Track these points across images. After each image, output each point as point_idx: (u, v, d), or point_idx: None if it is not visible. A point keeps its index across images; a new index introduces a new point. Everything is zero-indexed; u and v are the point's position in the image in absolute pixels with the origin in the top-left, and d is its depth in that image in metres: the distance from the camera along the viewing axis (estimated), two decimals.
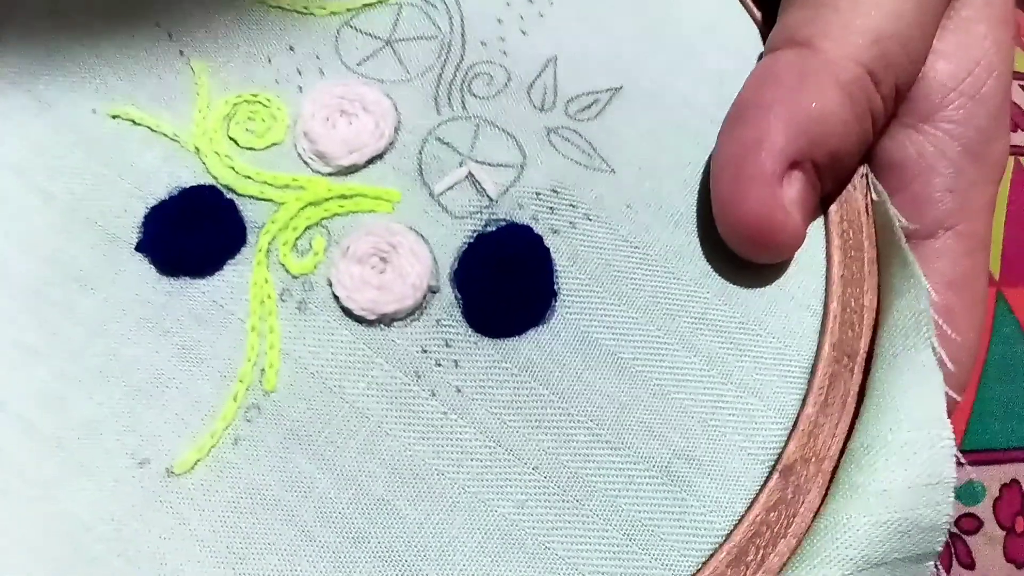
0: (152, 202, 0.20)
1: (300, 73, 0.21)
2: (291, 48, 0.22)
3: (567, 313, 0.20)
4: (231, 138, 0.21)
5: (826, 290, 0.21)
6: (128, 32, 0.21)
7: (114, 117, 0.21)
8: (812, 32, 0.20)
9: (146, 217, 0.20)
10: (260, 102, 0.21)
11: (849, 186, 0.22)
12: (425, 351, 0.19)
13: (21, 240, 0.19)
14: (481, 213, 0.20)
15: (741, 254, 0.20)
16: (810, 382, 0.20)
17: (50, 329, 0.19)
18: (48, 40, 0.21)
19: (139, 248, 0.19)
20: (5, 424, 0.18)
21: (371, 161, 0.21)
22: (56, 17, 0.22)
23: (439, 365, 0.19)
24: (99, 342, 0.19)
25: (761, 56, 0.23)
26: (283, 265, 0.20)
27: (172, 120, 0.21)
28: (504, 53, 0.22)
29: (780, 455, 0.19)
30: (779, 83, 0.20)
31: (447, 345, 0.19)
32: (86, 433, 0.18)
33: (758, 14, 0.24)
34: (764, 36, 0.24)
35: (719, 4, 0.24)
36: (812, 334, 0.21)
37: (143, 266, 0.19)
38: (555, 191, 0.21)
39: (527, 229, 0.20)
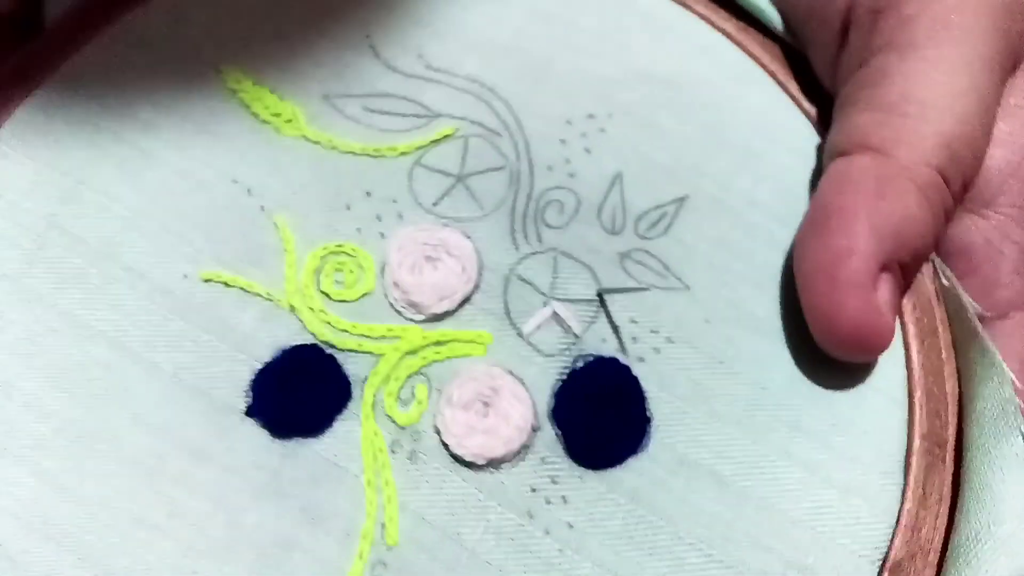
0: (256, 365, 0.21)
1: (380, 219, 0.22)
2: (368, 193, 0.22)
3: (664, 438, 0.20)
4: (323, 292, 0.21)
5: (908, 380, 0.22)
6: (206, 191, 0.22)
7: (206, 280, 0.21)
8: (884, 137, 0.21)
9: (252, 381, 0.20)
10: (346, 252, 0.22)
11: (918, 274, 0.23)
12: (534, 490, 0.20)
13: (130, 414, 0.20)
14: (569, 350, 0.21)
15: (840, 358, 0.21)
16: (906, 476, 0.21)
17: (170, 504, 0.19)
18: (131, 207, 0.22)
19: (249, 413, 0.20)
20: None
21: (461, 305, 0.21)
22: (135, 183, 0.22)
23: (549, 503, 0.20)
24: (221, 513, 0.19)
25: (820, 152, 0.23)
26: (390, 417, 0.20)
27: (263, 278, 0.21)
28: (571, 176, 0.23)
29: (887, 553, 0.20)
30: (859, 190, 0.21)
31: (554, 482, 0.20)
32: None
33: (804, 101, 0.25)
34: (812, 122, 0.24)
35: (770, 100, 0.24)
36: (901, 427, 0.21)
37: (255, 431, 0.20)
38: (634, 320, 0.21)
39: (614, 361, 0.21)
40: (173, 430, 0.20)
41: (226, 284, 0.21)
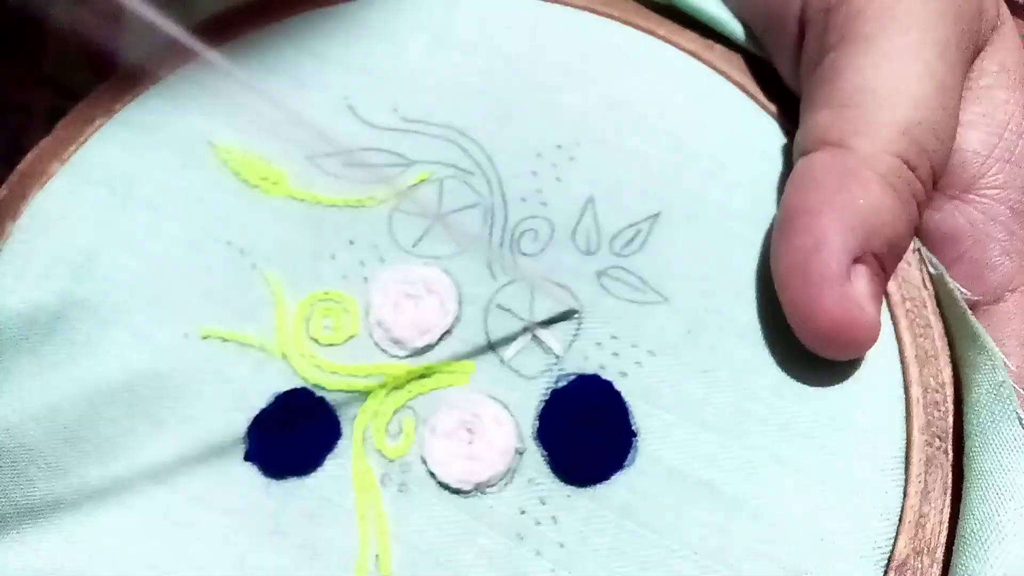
0: (252, 413, 0.22)
1: (363, 264, 0.23)
2: (351, 242, 0.23)
3: (652, 451, 0.20)
4: (312, 338, 0.22)
5: (903, 373, 0.21)
6: (204, 256, 0.24)
7: (205, 337, 0.23)
8: (842, 131, 0.21)
9: (249, 428, 0.21)
10: (332, 299, 0.23)
11: (903, 263, 0.22)
12: (523, 512, 0.20)
13: (139, 467, 0.21)
14: (551, 370, 0.21)
15: (823, 355, 0.21)
16: (907, 471, 0.20)
17: (178, 549, 0.20)
18: (137, 277, 0.24)
19: (247, 458, 0.21)
20: None
21: (442, 338, 0.22)
22: (139, 253, 0.24)
23: (539, 524, 0.20)
24: (225, 555, 0.20)
25: (790, 155, 0.23)
26: (379, 451, 0.21)
27: (257, 331, 0.23)
28: (543, 204, 0.24)
29: (891, 552, 0.19)
30: (822, 186, 0.21)
31: (543, 503, 0.20)
32: None
33: (772, 107, 0.25)
34: (782, 127, 0.24)
35: (738, 110, 0.25)
36: (899, 421, 0.21)
37: (253, 475, 0.21)
38: (614, 336, 0.22)
39: (596, 378, 0.21)
40: (180, 480, 0.21)
41: (223, 339, 0.23)
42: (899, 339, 0.22)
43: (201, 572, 0.20)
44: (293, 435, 0.21)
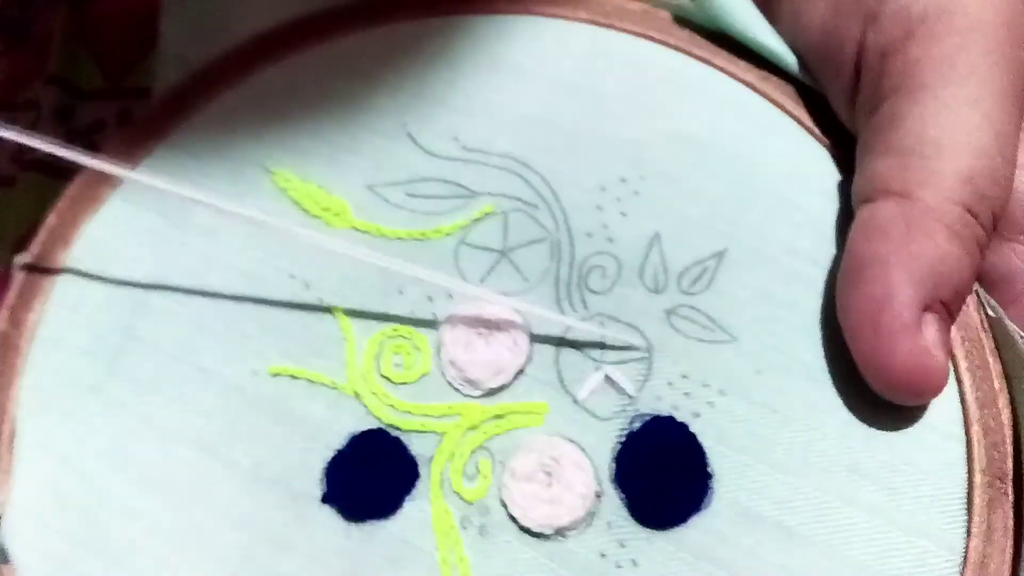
0: (327, 453, 0.22)
1: (431, 300, 0.23)
2: (417, 272, 0.23)
3: (726, 492, 0.21)
4: (384, 376, 0.22)
5: (963, 415, 0.22)
6: (267, 289, 0.23)
7: (274, 375, 0.22)
8: (906, 181, 0.21)
9: (326, 469, 0.21)
10: (402, 336, 0.23)
11: (964, 307, 0.23)
12: (603, 555, 0.21)
13: (215, 510, 0.21)
14: (625, 411, 0.22)
15: (895, 401, 0.21)
16: (969, 512, 0.21)
17: None
18: (199, 310, 0.23)
19: (325, 500, 0.21)
20: None
21: (515, 377, 0.22)
22: (200, 287, 0.24)
23: (619, 567, 0.20)
24: None
25: (848, 193, 0.24)
26: (458, 494, 0.21)
27: (326, 368, 0.22)
28: (610, 240, 0.24)
29: None
30: (889, 236, 0.21)
31: (622, 546, 0.21)
32: None
33: (827, 141, 0.25)
34: (837, 162, 0.25)
35: (798, 145, 0.25)
36: (961, 462, 0.21)
37: (332, 518, 0.21)
38: (685, 376, 0.22)
39: (670, 420, 0.21)
40: (256, 523, 0.21)
41: (293, 376, 0.22)
42: (959, 381, 0.22)
43: None
44: (371, 477, 0.21)
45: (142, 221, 0.24)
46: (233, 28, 0.27)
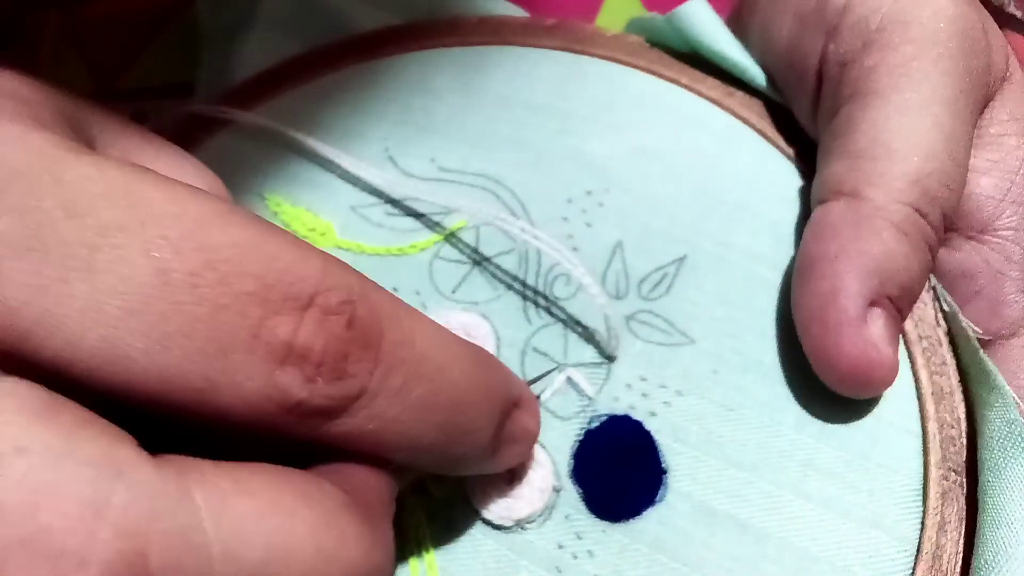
0: None
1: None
2: (395, 289, 0.25)
3: (681, 487, 0.22)
4: None
5: (920, 409, 0.22)
6: None
7: None
8: (856, 182, 0.22)
9: None
10: None
11: (919, 303, 0.23)
12: (561, 546, 0.22)
13: None
14: (584, 412, 0.23)
15: (844, 394, 0.22)
16: (924, 504, 0.21)
17: None
18: None
19: None
20: None
21: None
22: None
23: (576, 557, 0.21)
24: None
25: (809, 199, 0.25)
26: (427, 490, 0.22)
27: None
28: (575, 249, 0.25)
29: None
30: (838, 233, 0.22)
31: (579, 537, 0.22)
32: None
33: (791, 151, 0.26)
34: (800, 171, 0.25)
35: (760, 156, 0.26)
36: (917, 456, 0.22)
37: None
38: (643, 378, 0.23)
39: (627, 419, 0.22)
40: None
41: None
42: (916, 376, 0.23)
43: None
44: None
45: None
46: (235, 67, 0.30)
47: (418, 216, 0.26)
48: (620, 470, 0.22)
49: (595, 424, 0.23)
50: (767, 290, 0.24)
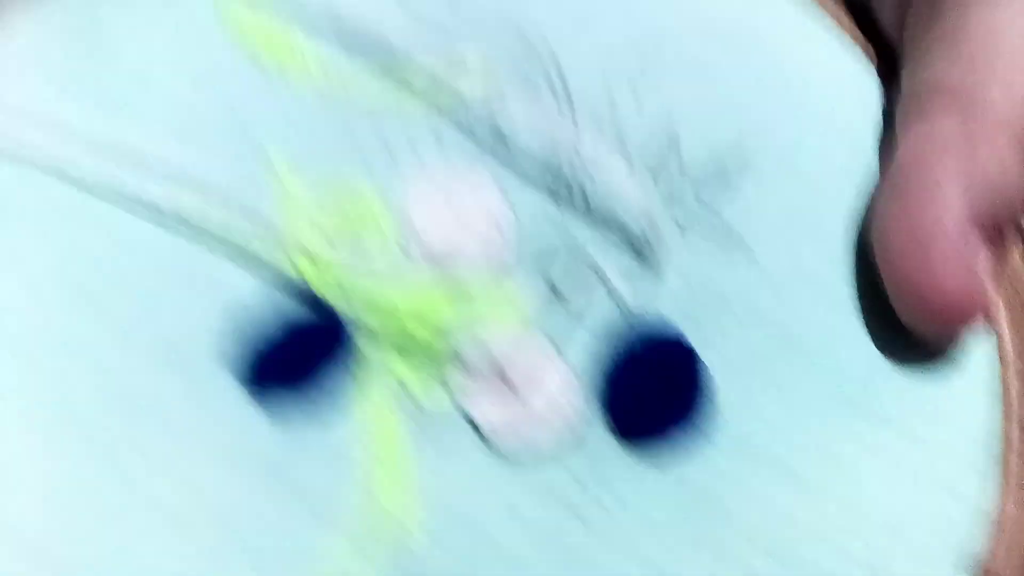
0: (246, 326, 0.17)
1: (398, 163, 0.19)
2: (387, 135, 0.19)
3: (726, 423, 0.18)
4: (327, 242, 0.18)
5: (1001, 362, 0.19)
6: (192, 117, 0.19)
7: (183, 219, 0.18)
8: (973, 82, 0.19)
9: (238, 346, 0.17)
10: (357, 196, 0.19)
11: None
12: (579, 482, 0.17)
13: (80, 366, 0.17)
14: (621, 327, 0.18)
15: (928, 335, 0.18)
16: (1005, 473, 0.18)
17: (146, 498, 0.16)
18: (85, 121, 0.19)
19: (239, 382, 0.17)
20: None
21: (494, 265, 0.18)
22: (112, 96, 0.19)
23: (595, 495, 0.17)
24: (185, 486, 0.16)
25: (889, 108, 0.21)
26: (410, 394, 0.17)
27: (257, 223, 0.18)
28: (620, 134, 0.20)
29: (982, 558, 0.17)
30: (946, 147, 0.18)
31: (603, 474, 0.17)
32: None
33: (874, 58, 0.22)
34: (881, 79, 0.22)
35: (837, 53, 0.22)
36: (995, 416, 0.19)
37: (245, 407, 0.17)
38: (693, 294, 0.19)
39: (671, 339, 0.18)
40: (131, 389, 0.17)
41: (208, 229, 0.18)
42: (998, 327, 0.19)
43: (178, 528, 0.16)
44: (300, 363, 0.17)
45: (55, 47, 0.20)
46: None
47: (425, 49, 0.20)
48: (661, 400, 0.18)
49: (635, 342, 0.18)
50: (837, 206, 0.20)
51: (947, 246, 0.18)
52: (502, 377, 0.17)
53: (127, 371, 0.17)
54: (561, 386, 0.17)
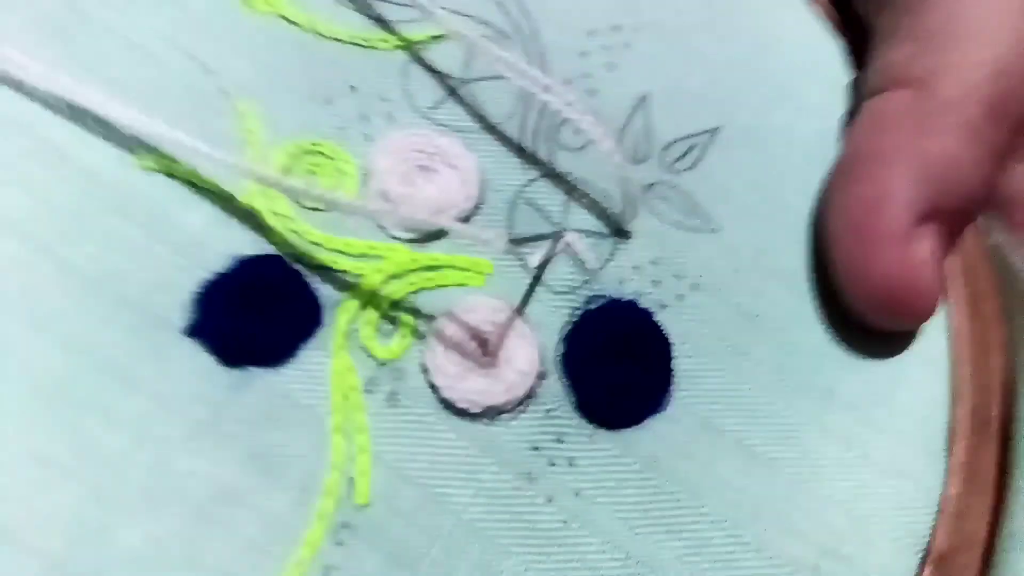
0: (203, 275, 0.17)
1: (366, 118, 0.18)
2: (353, 88, 0.19)
3: (685, 397, 0.18)
4: (286, 182, 0.17)
5: (954, 350, 0.19)
6: (154, 64, 0.18)
7: (148, 169, 0.17)
8: (925, 69, 0.19)
9: (197, 294, 0.16)
10: (323, 153, 0.18)
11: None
12: (537, 448, 0.17)
13: (34, 320, 0.16)
14: (582, 288, 0.18)
15: (874, 323, 0.18)
16: (951, 457, 0.18)
17: (79, 438, 0.15)
18: (58, 78, 0.18)
19: (191, 332, 0.16)
20: (23, 566, 0.15)
21: (457, 223, 0.18)
22: (65, 49, 0.18)
23: (553, 464, 0.17)
24: (144, 453, 0.15)
25: (856, 89, 0.21)
26: (367, 349, 0.17)
27: (217, 172, 0.17)
28: (591, 93, 0.20)
29: (930, 543, 0.18)
30: (897, 130, 0.18)
31: (560, 440, 0.17)
32: (134, 572, 0.15)
33: (842, 38, 0.22)
34: (851, 59, 0.22)
35: (809, 30, 0.22)
36: (945, 400, 0.19)
37: (196, 355, 0.16)
38: (655, 262, 0.18)
39: (633, 305, 0.18)
40: (89, 346, 0.16)
41: (170, 174, 0.17)
42: (950, 314, 0.20)
43: (109, 473, 0.15)
44: (257, 313, 0.16)
45: None
46: None
47: (396, 4, 0.20)
48: (619, 366, 0.17)
49: (594, 305, 0.18)
50: (802, 185, 0.20)
51: (884, 228, 0.17)
52: (464, 337, 0.17)
53: (82, 317, 0.16)
54: (522, 346, 0.17)
